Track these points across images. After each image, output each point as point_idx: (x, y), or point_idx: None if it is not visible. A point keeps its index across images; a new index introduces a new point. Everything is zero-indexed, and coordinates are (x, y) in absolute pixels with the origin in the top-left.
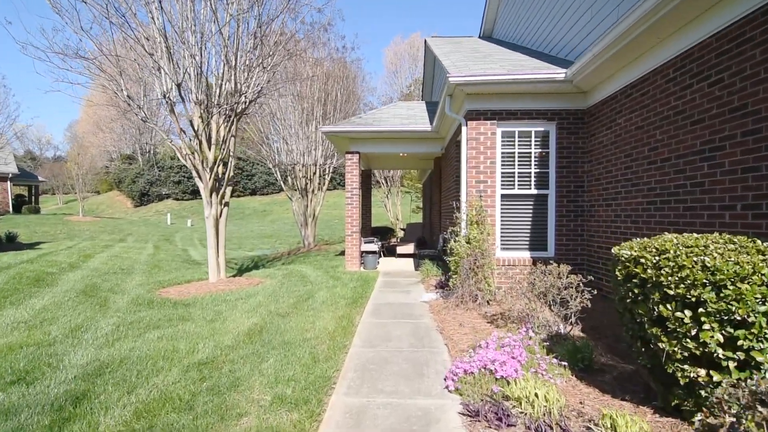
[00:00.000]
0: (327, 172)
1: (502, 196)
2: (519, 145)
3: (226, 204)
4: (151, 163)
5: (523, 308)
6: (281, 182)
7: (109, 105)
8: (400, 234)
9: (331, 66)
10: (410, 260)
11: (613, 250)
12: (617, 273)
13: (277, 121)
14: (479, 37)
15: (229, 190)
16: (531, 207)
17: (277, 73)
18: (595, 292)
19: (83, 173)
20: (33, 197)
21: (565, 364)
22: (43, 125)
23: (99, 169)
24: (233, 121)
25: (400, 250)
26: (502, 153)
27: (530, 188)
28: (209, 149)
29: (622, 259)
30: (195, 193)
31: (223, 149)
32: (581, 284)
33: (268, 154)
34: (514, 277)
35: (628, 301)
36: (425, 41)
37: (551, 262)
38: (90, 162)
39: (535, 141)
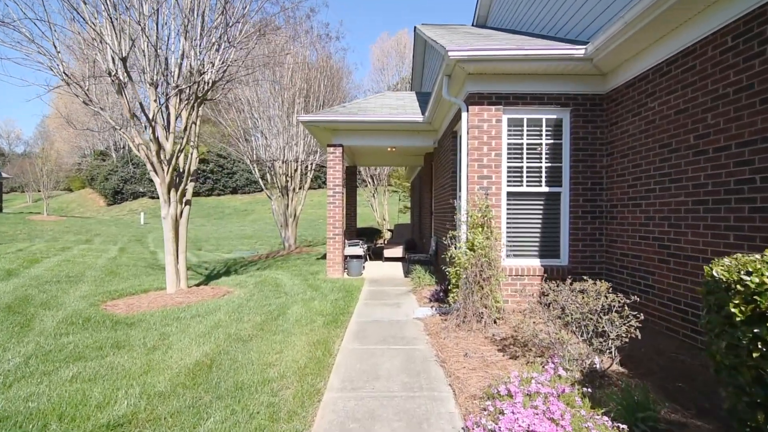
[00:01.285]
0: (309, 169)
1: (509, 194)
2: (528, 135)
3: (188, 202)
4: (125, 159)
5: (545, 334)
6: (260, 179)
7: (57, 89)
8: (387, 235)
9: (312, 53)
10: (399, 265)
11: (715, 271)
12: (734, 310)
13: (255, 112)
14: (472, 25)
15: (191, 185)
16: (541, 207)
17: (251, 55)
18: (642, 316)
19: (47, 169)
20: None
21: (624, 427)
22: (12, 120)
23: (70, 166)
24: (195, 105)
25: (387, 253)
26: (509, 144)
27: (540, 185)
28: (167, 138)
29: (744, 288)
30: None
31: (184, 139)
32: (626, 306)
33: (246, 150)
34: (522, 290)
35: (755, 355)
36: (415, 29)
37: (584, 276)
38: (56, 157)
39: (547, 130)
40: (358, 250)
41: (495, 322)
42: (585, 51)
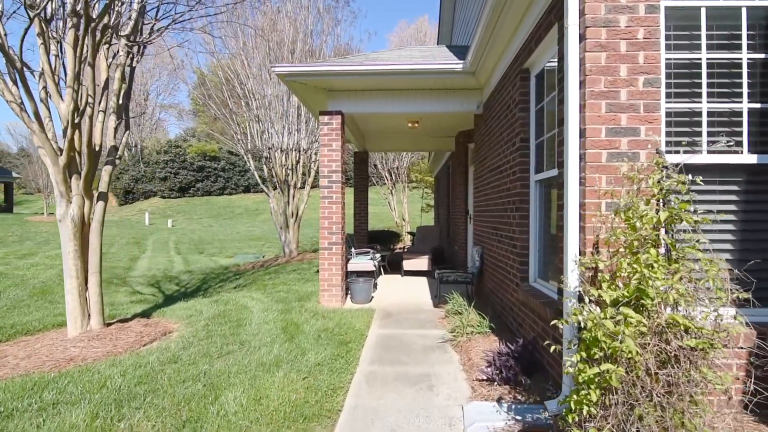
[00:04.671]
0: (313, 160)
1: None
2: (710, 45)
3: (102, 197)
4: (136, 158)
5: None
6: (254, 172)
7: None
8: (407, 239)
9: (317, 21)
10: (423, 282)
11: None
12: None
13: (246, 91)
14: None
15: (107, 171)
16: (740, 197)
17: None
18: None
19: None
20: (7, 196)
21: None
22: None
23: None
24: (88, 35)
25: (408, 265)
26: (668, 64)
27: (739, 150)
28: (61, 96)
29: None
30: (183, 190)
31: (81, 96)
32: None
33: (239, 138)
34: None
35: None
36: None
37: None
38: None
39: (750, 35)
40: (368, 264)
41: None
42: None
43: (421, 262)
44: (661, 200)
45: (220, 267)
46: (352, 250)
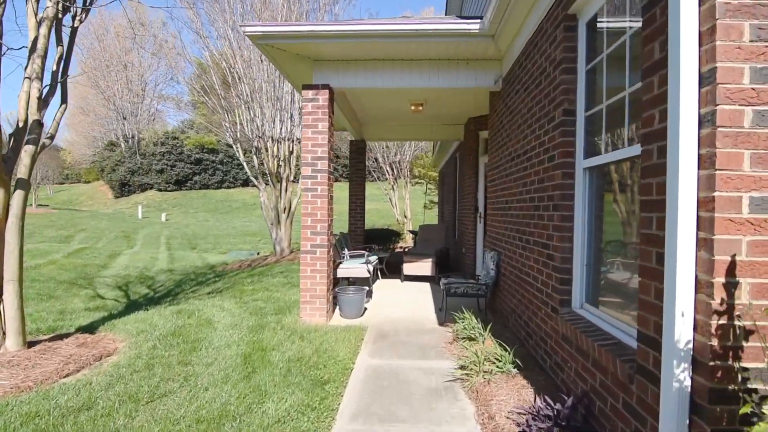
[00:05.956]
0: None
1: None
2: None
3: (22, 184)
4: (133, 150)
5: None
6: (243, 163)
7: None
8: (409, 238)
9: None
10: (427, 290)
11: None
12: None
13: (235, 74)
14: None
15: (28, 153)
16: None
17: None
18: None
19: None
20: None
21: None
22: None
23: (89, 157)
24: None
25: (409, 269)
26: None
27: None
28: None
29: None
30: (179, 183)
31: None
32: None
33: (227, 126)
34: None
35: None
36: None
37: None
38: (48, 146)
39: None
40: (361, 270)
41: None
42: None
43: (424, 267)
44: None
45: (205, 266)
46: (345, 252)
